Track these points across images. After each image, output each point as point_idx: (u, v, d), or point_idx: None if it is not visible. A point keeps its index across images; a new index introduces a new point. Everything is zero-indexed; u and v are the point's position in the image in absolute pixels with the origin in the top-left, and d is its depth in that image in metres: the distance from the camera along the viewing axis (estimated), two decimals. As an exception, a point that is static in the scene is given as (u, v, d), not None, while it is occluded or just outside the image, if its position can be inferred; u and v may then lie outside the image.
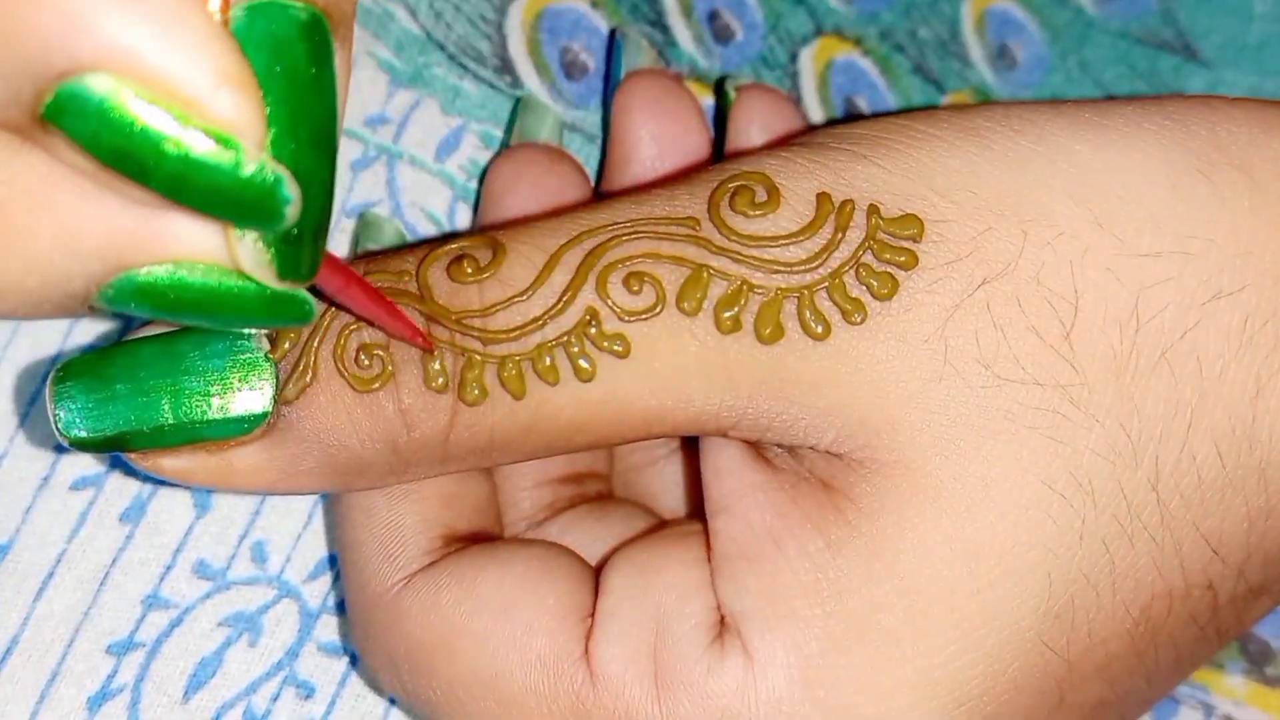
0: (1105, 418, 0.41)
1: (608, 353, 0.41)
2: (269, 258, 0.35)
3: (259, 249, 0.35)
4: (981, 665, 0.42)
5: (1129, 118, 0.43)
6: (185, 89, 0.31)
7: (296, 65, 0.34)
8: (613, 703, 0.43)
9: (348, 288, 0.39)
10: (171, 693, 0.49)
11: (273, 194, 0.33)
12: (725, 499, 0.44)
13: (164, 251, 0.35)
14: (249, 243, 0.35)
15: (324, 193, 0.35)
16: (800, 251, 0.42)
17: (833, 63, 0.57)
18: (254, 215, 0.34)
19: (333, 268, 0.38)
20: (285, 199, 0.33)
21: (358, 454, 0.42)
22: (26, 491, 0.49)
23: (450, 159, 0.54)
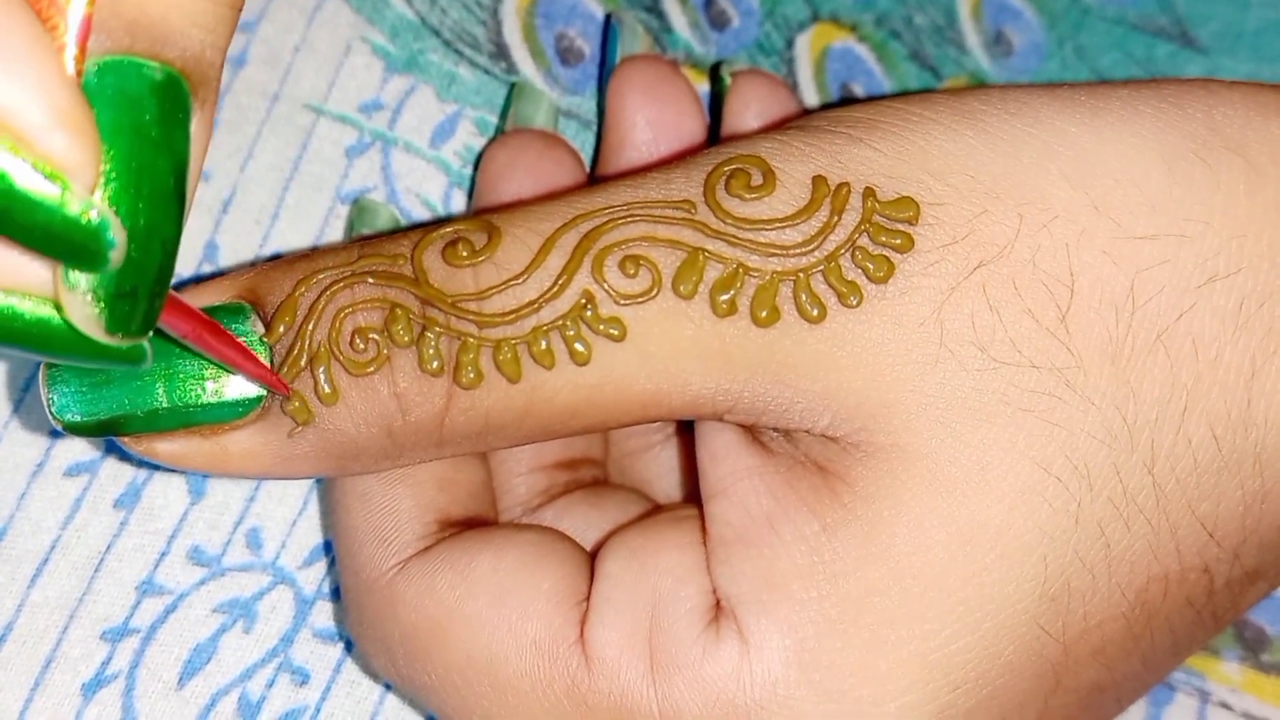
0: (1101, 401, 0.41)
1: (604, 336, 0.41)
2: (96, 312, 0.34)
3: (86, 302, 0.34)
4: (977, 649, 0.41)
5: (1125, 101, 0.43)
6: (19, 123, 0.31)
7: (144, 123, 0.34)
8: (608, 686, 0.42)
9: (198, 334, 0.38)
10: (166, 679, 0.49)
11: (97, 236, 0.32)
12: (721, 483, 0.44)
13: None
14: (78, 295, 0.34)
15: (164, 250, 0.35)
16: (796, 235, 0.42)
17: (829, 49, 0.57)
18: (78, 255, 0.33)
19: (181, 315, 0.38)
20: (109, 243, 0.33)
21: (353, 438, 0.41)
22: (21, 477, 0.49)
23: (445, 145, 0.54)
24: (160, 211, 0.34)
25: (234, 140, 0.53)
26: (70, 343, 0.35)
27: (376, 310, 0.41)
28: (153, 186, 0.34)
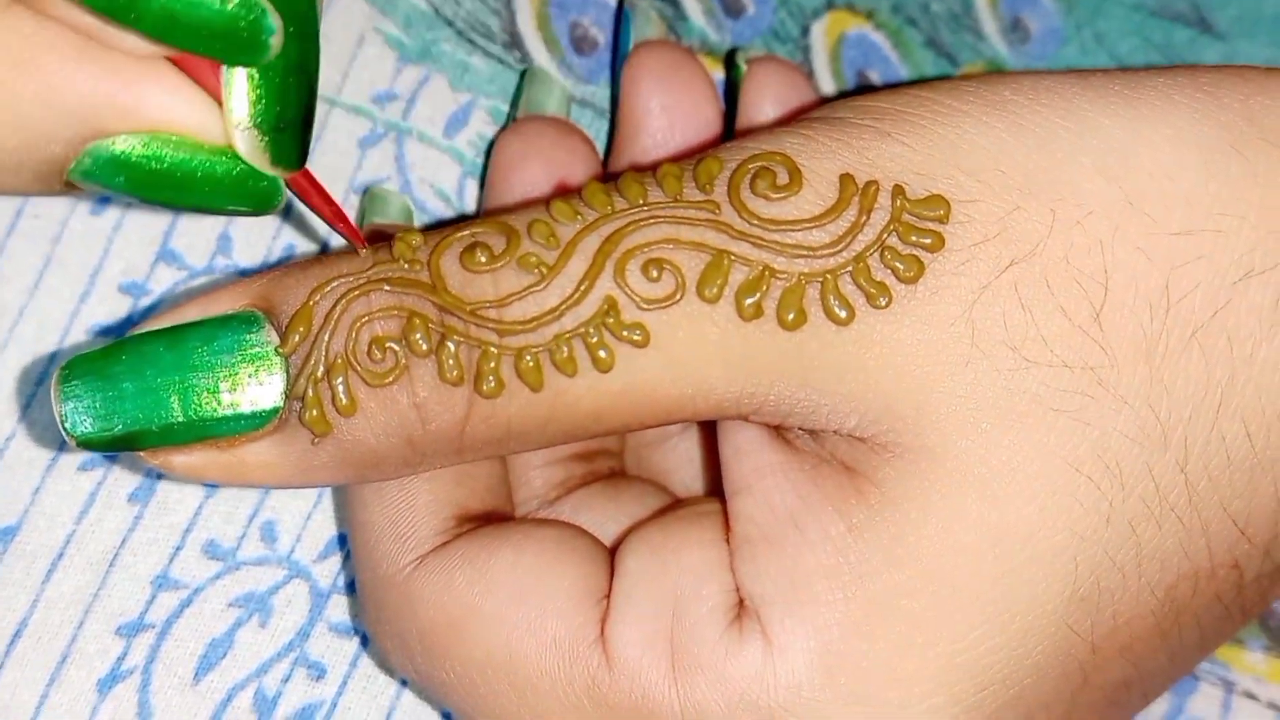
0: (1134, 399, 0.40)
1: (627, 342, 0.40)
2: (262, 145, 0.38)
3: (252, 135, 0.38)
4: (1005, 650, 0.40)
5: (1160, 91, 0.42)
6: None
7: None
8: (629, 686, 0.41)
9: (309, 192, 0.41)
10: (182, 674, 0.48)
11: (257, 24, 0.37)
12: (745, 479, 0.42)
13: (141, 118, 0.38)
14: (242, 129, 0.38)
15: (309, 84, 0.39)
16: (823, 235, 0.40)
17: (845, 36, 0.56)
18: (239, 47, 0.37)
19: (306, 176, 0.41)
20: (270, 28, 0.37)
21: (372, 448, 0.41)
22: (35, 472, 0.49)
23: (459, 135, 0.53)
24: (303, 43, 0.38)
25: None
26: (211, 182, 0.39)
27: (394, 319, 0.40)
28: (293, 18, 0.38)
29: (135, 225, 0.50)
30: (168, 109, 0.38)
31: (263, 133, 0.38)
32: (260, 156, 0.38)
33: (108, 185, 0.38)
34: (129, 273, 0.50)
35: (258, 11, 0.37)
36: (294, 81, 0.38)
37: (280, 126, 0.38)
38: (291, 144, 0.39)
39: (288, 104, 0.38)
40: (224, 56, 0.37)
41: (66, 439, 0.40)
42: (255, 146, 0.38)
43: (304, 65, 0.39)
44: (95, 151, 0.38)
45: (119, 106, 0.37)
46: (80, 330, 0.50)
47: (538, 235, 0.40)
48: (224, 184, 0.39)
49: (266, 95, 0.38)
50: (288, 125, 0.39)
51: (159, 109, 0.37)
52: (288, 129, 0.39)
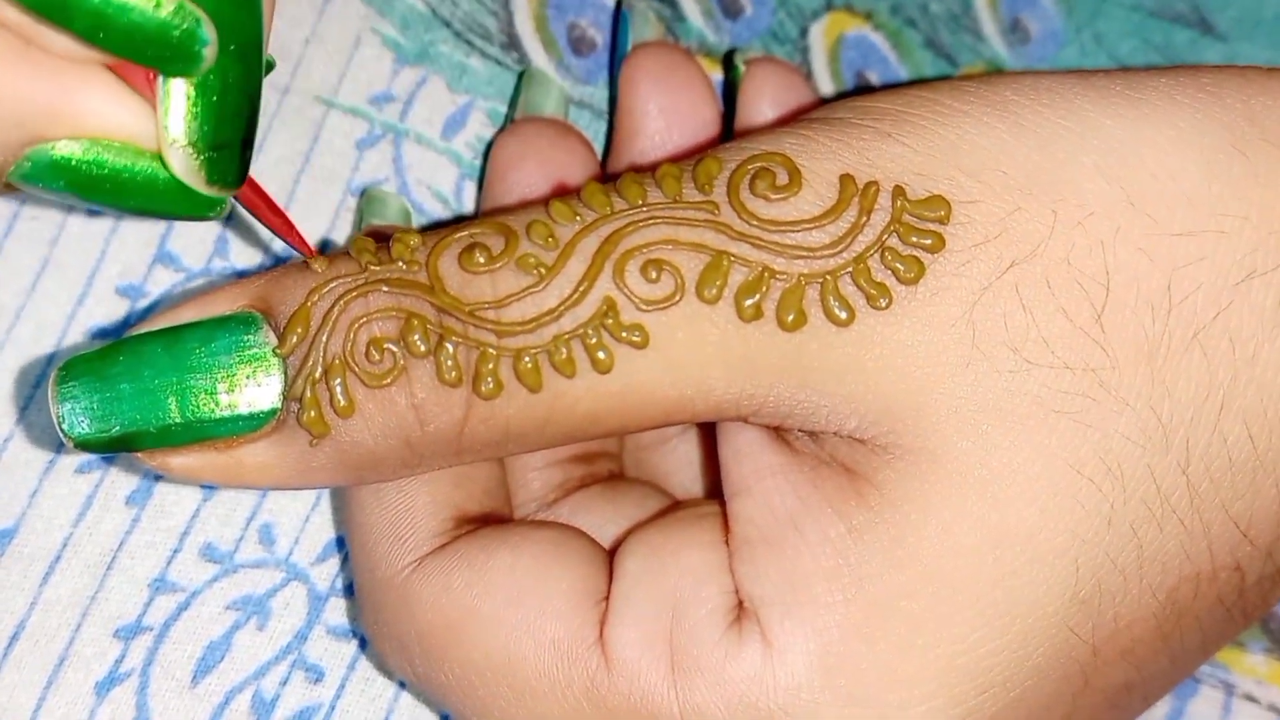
0: (1136, 401, 0.40)
1: (626, 343, 0.40)
2: (198, 164, 0.38)
3: (187, 154, 0.37)
4: (1005, 652, 0.40)
5: (1162, 91, 0.42)
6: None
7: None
8: (628, 688, 0.41)
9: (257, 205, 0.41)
10: (180, 677, 0.48)
11: (190, 34, 0.36)
12: (745, 481, 0.42)
13: (80, 125, 0.37)
14: (178, 149, 0.37)
15: (250, 103, 0.38)
16: (823, 236, 0.40)
17: (843, 37, 0.56)
18: (171, 57, 0.36)
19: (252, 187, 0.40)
20: (203, 39, 0.36)
21: (370, 450, 0.40)
22: (32, 475, 0.49)
23: (457, 137, 0.53)
24: (243, 65, 0.38)
25: None
26: (151, 190, 0.38)
27: (392, 320, 0.40)
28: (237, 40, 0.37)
29: (132, 227, 0.50)
30: (107, 116, 0.37)
31: (198, 151, 0.38)
32: (195, 176, 0.38)
33: (48, 188, 0.38)
34: (126, 274, 0.50)
35: (191, 21, 0.36)
36: (233, 100, 0.38)
37: (217, 146, 0.38)
38: (229, 163, 0.38)
39: (225, 123, 0.38)
40: (157, 65, 0.37)
41: (64, 440, 0.40)
42: (189, 165, 0.38)
43: (245, 84, 0.38)
44: (35, 155, 0.37)
45: (58, 113, 0.37)
46: (78, 332, 0.49)
47: (536, 236, 0.40)
48: (165, 191, 0.38)
49: (203, 113, 0.38)
50: (225, 145, 0.38)
51: (98, 116, 0.37)
52: (225, 149, 0.38)
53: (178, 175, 0.38)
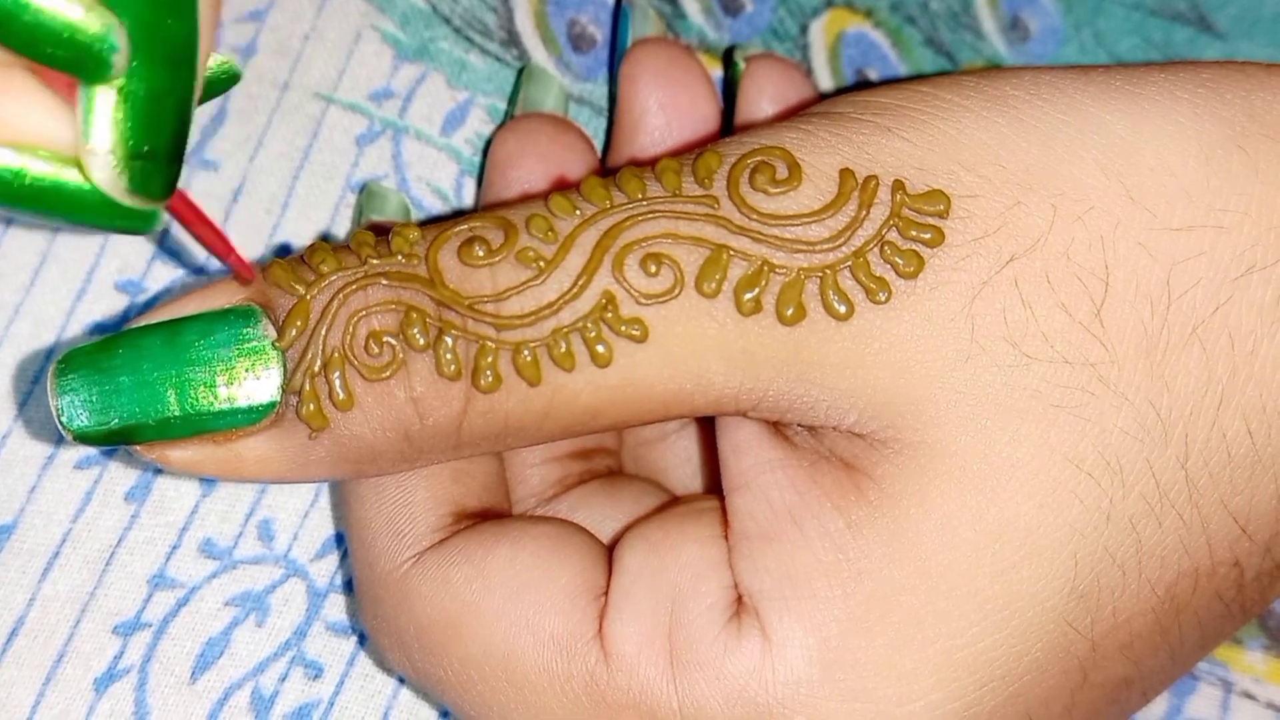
0: (1135, 396, 0.40)
1: (625, 337, 0.40)
2: (117, 173, 0.36)
3: (108, 164, 0.36)
4: (1004, 647, 0.40)
5: (1161, 86, 0.42)
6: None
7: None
8: (627, 683, 0.41)
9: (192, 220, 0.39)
10: (179, 673, 0.48)
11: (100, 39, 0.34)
12: (744, 476, 0.42)
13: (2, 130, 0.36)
14: (100, 156, 0.36)
15: (178, 113, 0.37)
16: (823, 230, 0.40)
17: (843, 35, 0.56)
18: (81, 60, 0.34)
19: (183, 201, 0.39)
20: (112, 46, 0.34)
21: (369, 443, 0.40)
22: (31, 470, 0.49)
23: (457, 133, 0.53)
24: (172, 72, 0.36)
25: (244, 130, 0.52)
26: (81, 203, 0.36)
27: (391, 313, 0.40)
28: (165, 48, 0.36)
29: (131, 223, 0.50)
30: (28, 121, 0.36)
31: (118, 160, 0.36)
32: (114, 185, 0.36)
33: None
34: (125, 270, 0.50)
35: (100, 25, 0.34)
36: (159, 109, 0.36)
37: (139, 155, 0.36)
38: (153, 174, 0.36)
39: (149, 132, 0.36)
40: (67, 69, 0.35)
41: (62, 433, 0.40)
42: (108, 175, 0.36)
43: (173, 93, 0.36)
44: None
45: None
46: (76, 328, 0.49)
47: (536, 230, 0.40)
48: (92, 203, 0.37)
49: (123, 121, 0.36)
50: (148, 155, 0.36)
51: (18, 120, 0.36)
52: (148, 159, 0.36)
53: (97, 184, 0.36)
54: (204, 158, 0.51)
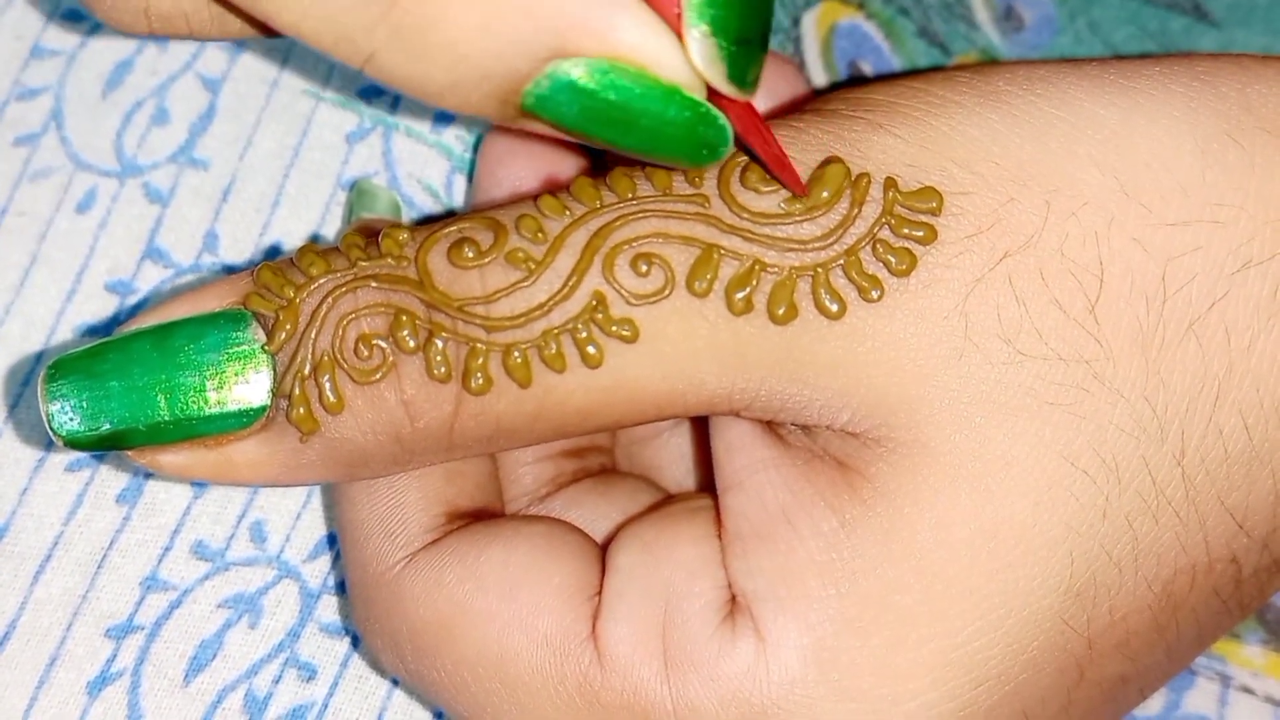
0: (1130, 392, 0.40)
1: (616, 338, 0.40)
2: (721, 55, 0.37)
3: (712, 44, 0.37)
4: (1000, 645, 0.40)
5: (1156, 80, 0.42)
6: None
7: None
8: (621, 684, 0.41)
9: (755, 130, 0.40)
10: (172, 676, 0.48)
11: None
12: (737, 475, 0.42)
13: (608, 42, 0.37)
14: (701, 38, 0.37)
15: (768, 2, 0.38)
16: (814, 228, 0.40)
17: (836, 26, 0.56)
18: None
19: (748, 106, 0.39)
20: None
21: (360, 446, 0.40)
22: (22, 473, 0.49)
23: (447, 130, 0.53)
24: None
25: (233, 128, 0.52)
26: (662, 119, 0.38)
27: (381, 316, 0.40)
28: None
29: (121, 223, 0.50)
30: (633, 36, 0.36)
31: (722, 43, 0.37)
32: (715, 67, 0.37)
33: (559, 115, 0.38)
34: (115, 271, 0.50)
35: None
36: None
37: (740, 40, 0.37)
38: (749, 61, 0.37)
39: (749, 17, 0.37)
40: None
41: (53, 439, 0.40)
42: (712, 55, 0.37)
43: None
44: (554, 75, 0.37)
45: (590, 27, 0.36)
46: (67, 329, 0.49)
47: (525, 230, 0.40)
48: (671, 127, 0.38)
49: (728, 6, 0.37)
50: (747, 40, 0.37)
51: (626, 35, 0.36)
52: (747, 44, 0.37)
53: (697, 65, 0.37)
54: (193, 156, 0.51)
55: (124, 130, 0.51)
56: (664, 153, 0.38)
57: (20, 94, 0.51)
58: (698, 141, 0.38)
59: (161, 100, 0.51)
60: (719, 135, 0.38)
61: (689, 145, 0.38)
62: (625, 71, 0.37)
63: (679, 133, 0.38)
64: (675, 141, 0.38)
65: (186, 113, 0.51)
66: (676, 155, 0.38)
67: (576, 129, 0.38)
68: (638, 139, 0.38)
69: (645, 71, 0.37)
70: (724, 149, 0.38)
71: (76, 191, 0.50)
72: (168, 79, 0.52)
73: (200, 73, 0.52)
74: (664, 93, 0.37)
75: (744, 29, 0.37)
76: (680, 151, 0.38)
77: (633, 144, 0.38)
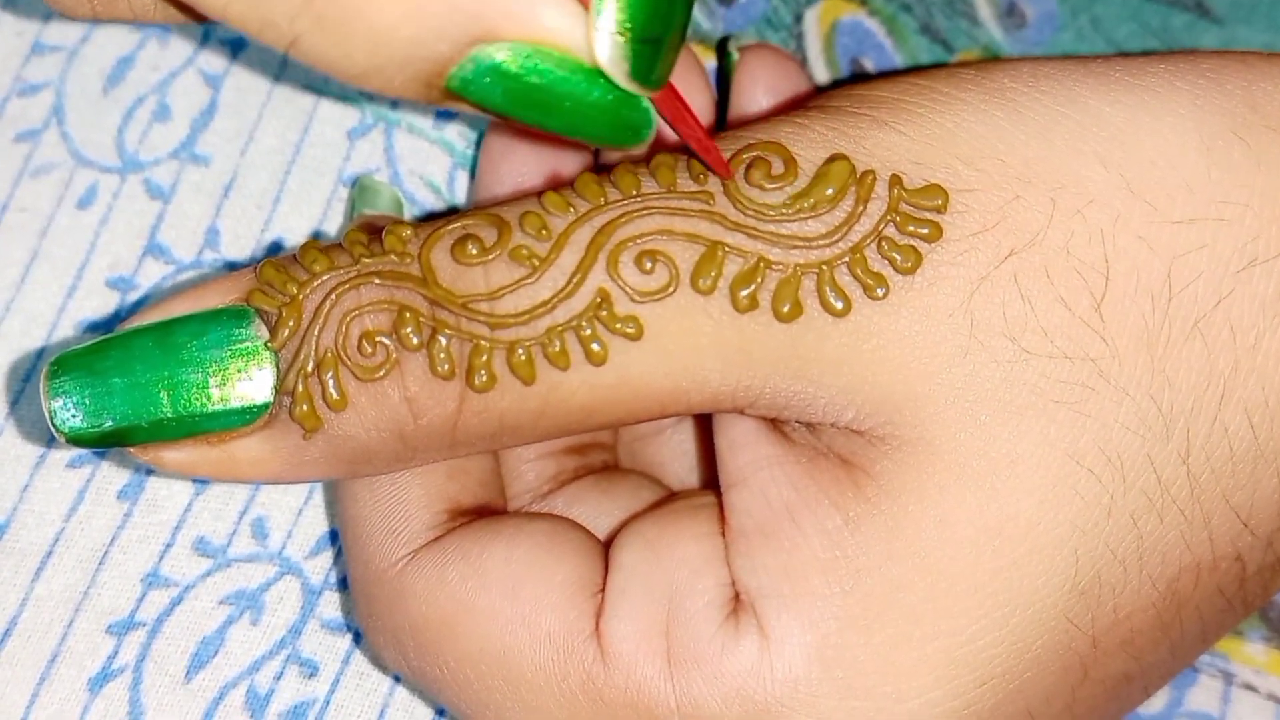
0: (1135, 390, 0.39)
1: (620, 335, 0.40)
2: (624, 54, 0.37)
3: (616, 43, 0.37)
4: (1005, 644, 0.40)
5: (1161, 77, 0.41)
6: None
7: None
8: (624, 681, 0.41)
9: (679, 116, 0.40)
10: (173, 673, 0.48)
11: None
12: (741, 472, 0.42)
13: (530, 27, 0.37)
14: (606, 35, 0.37)
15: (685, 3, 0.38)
16: (819, 225, 0.40)
17: (838, 23, 0.56)
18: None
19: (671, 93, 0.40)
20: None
21: (363, 443, 0.40)
22: (23, 469, 0.49)
23: (449, 125, 0.53)
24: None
25: (234, 124, 0.52)
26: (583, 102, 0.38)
27: (384, 313, 0.40)
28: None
29: (122, 220, 0.50)
30: (555, 21, 0.37)
31: (626, 41, 0.37)
32: (618, 66, 0.37)
33: (483, 98, 0.38)
34: (116, 267, 0.49)
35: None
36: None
37: (644, 39, 0.37)
38: (654, 59, 0.38)
39: (654, 18, 0.37)
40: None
41: (55, 435, 0.40)
42: (615, 54, 0.37)
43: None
44: (477, 58, 0.37)
45: (512, 11, 0.36)
46: (68, 325, 0.49)
47: (529, 227, 0.40)
48: (594, 109, 0.38)
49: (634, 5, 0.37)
50: (652, 40, 0.37)
51: (548, 20, 0.37)
52: (651, 44, 0.37)
53: (601, 64, 0.37)
54: (194, 152, 0.51)
55: (125, 126, 0.51)
56: (588, 134, 0.38)
57: (21, 90, 0.51)
58: (621, 124, 0.38)
59: (163, 96, 0.51)
60: (642, 118, 0.38)
61: (612, 127, 0.38)
62: (548, 55, 0.37)
63: (602, 115, 0.38)
64: (598, 124, 0.38)
65: (188, 109, 0.51)
66: (601, 137, 0.39)
67: (502, 111, 0.38)
68: (561, 120, 0.38)
69: (568, 55, 0.37)
70: (647, 131, 0.39)
71: (78, 187, 0.50)
72: (169, 75, 0.51)
73: (202, 69, 0.52)
74: (586, 76, 0.37)
75: (649, 28, 0.37)
76: (604, 133, 0.38)
77: (557, 125, 0.38)
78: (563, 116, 0.38)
